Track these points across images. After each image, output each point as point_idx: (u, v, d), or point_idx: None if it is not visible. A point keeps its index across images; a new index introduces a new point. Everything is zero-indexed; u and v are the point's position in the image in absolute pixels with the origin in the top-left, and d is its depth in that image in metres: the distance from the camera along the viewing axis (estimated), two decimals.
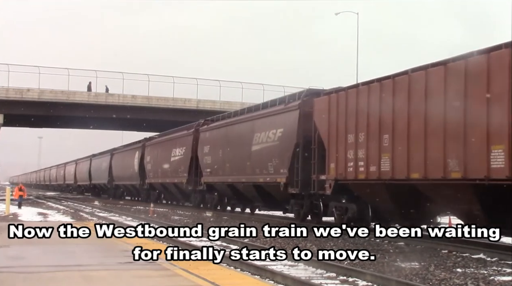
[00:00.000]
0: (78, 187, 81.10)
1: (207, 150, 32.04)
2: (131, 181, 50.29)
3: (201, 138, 33.32)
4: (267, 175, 24.68)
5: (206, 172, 32.04)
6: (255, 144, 25.89)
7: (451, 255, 14.22)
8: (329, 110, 20.04)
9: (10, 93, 47.47)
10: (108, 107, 49.89)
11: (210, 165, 31.26)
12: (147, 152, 45.48)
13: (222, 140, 30.13)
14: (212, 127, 32.39)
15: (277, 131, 23.96)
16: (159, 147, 42.65)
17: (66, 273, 9.56)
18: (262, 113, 26.40)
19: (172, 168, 38.33)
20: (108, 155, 60.56)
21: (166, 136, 42.18)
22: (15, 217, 27.86)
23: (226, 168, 29.12)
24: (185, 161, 35.66)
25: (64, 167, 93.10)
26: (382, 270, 11.68)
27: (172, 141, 39.13)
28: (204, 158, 32.24)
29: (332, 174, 19.69)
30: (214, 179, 30.93)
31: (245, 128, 27.51)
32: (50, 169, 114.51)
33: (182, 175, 35.98)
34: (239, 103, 48.57)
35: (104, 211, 35.83)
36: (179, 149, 37.16)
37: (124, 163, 53.00)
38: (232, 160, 28.47)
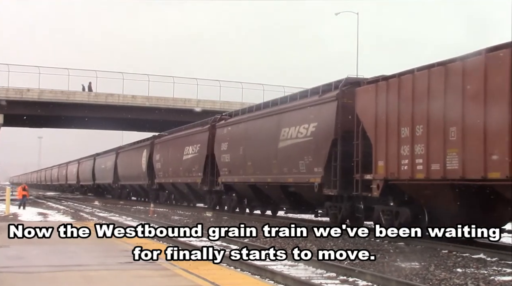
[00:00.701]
0: (80, 187, 78.90)
1: (225, 147, 29.47)
2: (138, 180, 48.08)
3: (218, 135, 30.69)
4: (298, 175, 22.26)
5: (223, 171, 29.64)
6: (282, 140, 23.44)
7: (451, 255, 14.22)
8: (376, 100, 17.70)
9: (10, 93, 47.47)
10: (108, 107, 49.90)
11: (229, 163, 28.89)
12: (156, 150, 42.92)
13: (242, 137, 27.71)
14: (231, 122, 29.75)
15: (310, 125, 21.52)
16: (170, 144, 40.06)
17: (66, 273, 9.56)
18: (290, 106, 23.86)
19: (184, 167, 35.96)
20: (113, 153, 58.14)
21: (178, 133, 39.60)
22: (15, 217, 27.86)
23: (247, 166, 26.73)
24: (199, 159, 33.49)
25: (66, 166, 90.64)
26: (382, 270, 11.68)
27: (185, 139, 36.73)
28: (222, 156, 29.73)
29: (381, 173, 17.35)
30: (233, 178, 28.54)
31: (269, 123, 25.08)
32: (52, 168, 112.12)
33: (196, 175, 33.91)
34: (239, 103, 48.59)
35: (104, 211, 35.83)
36: (192, 146, 34.79)
37: (131, 162, 50.57)
38: (255, 158, 26.08)
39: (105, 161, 61.20)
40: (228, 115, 31.32)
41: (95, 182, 66.84)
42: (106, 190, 65.15)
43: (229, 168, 28.84)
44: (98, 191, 68.24)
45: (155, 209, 32.83)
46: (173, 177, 38.55)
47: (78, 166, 78.23)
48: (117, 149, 57.70)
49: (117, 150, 57.63)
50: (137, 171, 47.65)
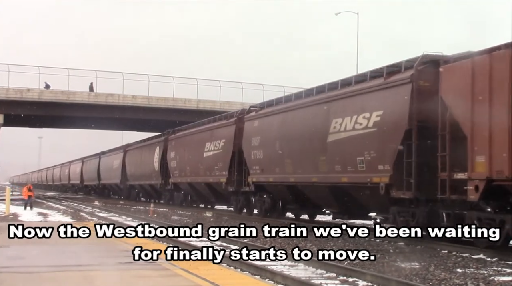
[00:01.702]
0: (84, 187, 75.76)
1: (256, 143, 25.82)
2: (150, 180, 44.53)
3: (247, 128, 27.16)
4: (355, 174, 18.60)
5: (254, 169, 26.11)
6: (333, 133, 19.77)
7: (451, 255, 14.22)
8: (473, 81, 14.32)
9: (10, 93, 47.49)
10: (108, 107, 49.91)
11: (261, 161, 25.36)
12: (171, 147, 39.32)
13: (278, 130, 24.09)
14: (263, 114, 26.10)
15: (373, 115, 17.88)
16: (187, 141, 36.30)
17: (66, 273, 9.56)
18: (344, 92, 19.98)
19: (205, 165, 32.42)
20: (121, 151, 54.87)
21: (197, 128, 35.85)
22: (15, 217, 27.86)
23: (285, 164, 23.11)
24: (224, 156, 30.03)
25: (69, 165, 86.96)
26: (382, 270, 11.68)
27: (206, 134, 33.15)
28: (252, 152, 26.08)
29: (482, 172, 13.90)
30: (267, 178, 24.99)
31: (315, 114, 21.36)
32: (54, 168, 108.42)
33: (220, 173, 30.38)
34: (239, 103, 48.60)
35: (104, 211, 35.83)
36: (215, 142, 31.23)
37: (141, 160, 47.17)
38: (295, 154, 22.45)
39: (112, 159, 57.94)
40: (258, 107, 27.69)
41: (101, 182, 63.79)
42: (112, 190, 62.01)
43: (261, 166, 25.52)
44: (103, 191, 65.16)
45: (155, 209, 32.83)
46: (191, 176, 35.06)
47: (82, 165, 74.99)
48: (125, 147, 54.44)
49: (125, 147, 54.44)
50: (149, 170, 44.46)
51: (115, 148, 60.63)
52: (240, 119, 28.75)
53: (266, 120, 25.66)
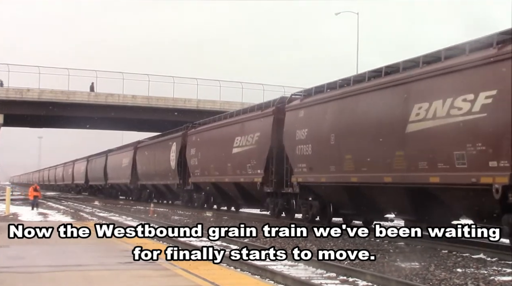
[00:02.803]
0: (89, 187, 71.96)
1: (302, 136, 21.92)
2: (165, 180, 40.71)
3: (290, 119, 23.32)
4: (450, 172, 14.69)
5: (300, 167, 22.13)
6: (415, 122, 15.90)
7: (451, 255, 14.23)
8: None
9: (10, 93, 47.54)
10: (108, 107, 49.96)
11: (310, 157, 21.46)
12: (190, 143, 35.41)
13: (333, 120, 20.16)
14: (310, 102, 22.07)
15: (480, 96, 13.79)
16: (212, 135, 32.32)
17: (66, 273, 9.56)
18: (430, 70, 15.86)
19: (234, 163, 28.49)
20: (131, 149, 51.12)
21: (224, 120, 31.67)
22: (15, 217, 27.86)
23: (344, 161, 19.22)
24: (259, 152, 25.99)
25: (72, 165, 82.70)
26: (382, 270, 11.68)
27: (235, 127, 29.22)
28: (297, 147, 22.15)
29: None
30: (317, 177, 21.06)
31: (388, 99, 17.52)
32: (56, 167, 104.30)
33: (253, 172, 26.47)
34: (239, 103, 48.66)
35: (104, 211, 35.83)
36: (247, 136, 27.27)
37: (155, 158, 43.52)
38: (359, 149, 18.57)
39: (121, 157, 54.18)
40: (303, 94, 23.53)
41: (108, 182, 59.92)
42: (121, 190, 58.11)
43: (309, 164, 21.54)
44: (111, 191, 60.79)
45: (155, 209, 32.83)
46: (216, 176, 31.06)
47: (87, 164, 71.31)
48: (136, 144, 50.76)
49: (136, 144, 50.69)
50: (164, 168, 40.55)
51: (124, 145, 57.23)
52: (280, 109, 24.74)
53: (315, 109, 21.50)
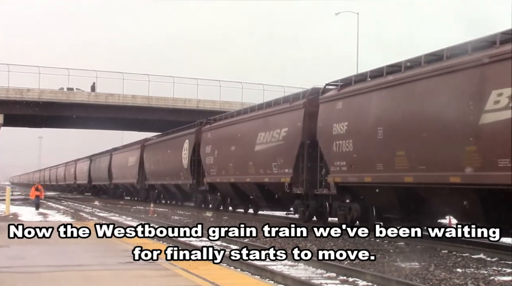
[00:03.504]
0: (92, 187, 70.36)
1: (340, 130, 19.34)
2: (176, 180, 38.09)
3: (324, 112, 20.74)
4: None
5: (337, 166, 19.66)
6: (491, 111, 13.50)
7: (451, 255, 14.23)
8: None
9: (10, 93, 47.53)
10: (108, 107, 49.97)
11: (350, 154, 18.90)
12: (206, 140, 32.74)
13: (381, 112, 17.67)
14: (350, 92, 19.50)
15: None
16: (231, 131, 29.68)
17: (66, 273, 9.56)
18: None
19: (257, 161, 25.73)
20: (137, 147, 48.88)
21: (244, 115, 28.83)
22: (15, 217, 27.87)
23: (395, 158, 16.66)
24: (287, 149, 23.24)
25: (74, 164, 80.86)
26: (382, 270, 11.68)
27: (258, 122, 26.48)
28: (335, 143, 19.58)
29: None
30: (361, 177, 18.45)
31: (452, 84, 15.07)
32: (57, 167, 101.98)
33: (280, 171, 23.67)
34: (239, 103, 48.66)
35: (104, 211, 35.83)
36: (273, 131, 24.50)
37: (164, 156, 41.10)
38: (414, 144, 16.05)
39: (127, 156, 51.99)
40: (339, 84, 20.67)
41: (112, 182, 57.81)
42: (127, 191, 55.83)
43: (350, 161, 19.07)
44: (115, 192, 58.86)
45: (155, 209, 32.82)
46: (235, 175, 28.38)
47: (90, 164, 69.28)
48: (144, 141, 48.49)
49: (143, 142, 48.43)
50: (175, 167, 37.97)
51: (131, 143, 54.46)
52: (312, 101, 22.10)
53: (357, 100, 19.14)
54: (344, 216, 19.98)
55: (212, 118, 33.94)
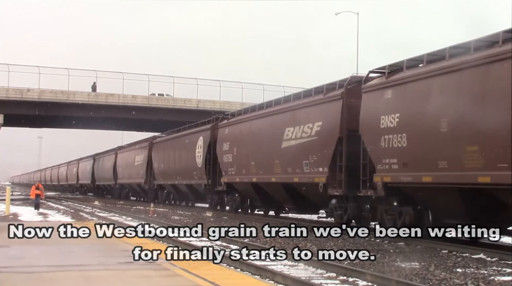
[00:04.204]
0: (96, 188, 67.99)
1: (390, 122, 16.74)
2: (189, 179, 35.69)
3: (369, 102, 18.21)
4: None
5: (388, 164, 17.05)
6: None
7: (451, 255, 14.23)
8: None
9: (10, 93, 47.53)
10: (108, 107, 49.97)
11: (404, 150, 16.36)
12: (223, 137, 30.33)
13: (446, 100, 15.16)
14: (403, 79, 16.81)
15: None
16: (251, 126, 27.33)
17: (66, 273, 9.56)
18: None
19: (285, 159, 23.13)
20: (145, 146, 46.75)
21: (268, 109, 26.02)
22: (15, 217, 27.86)
23: (465, 154, 14.33)
24: (321, 145, 20.72)
25: (77, 164, 78.61)
26: (382, 270, 11.68)
27: (285, 116, 23.86)
28: (383, 137, 16.99)
29: None
30: (417, 176, 15.97)
31: None
32: (59, 167, 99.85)
33: (313, 170, 21.10)
34: (239, 103, 48.66)
35: (104, 211, 35.83)
36: (304, 126, 21.86)
37: (175, 155, 38.84)
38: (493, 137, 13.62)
39: (133, 155, 49.92)
40: (386, 71, 17.90)
41: (117, 182, 55.59)
42: (133, 191, 53.57)
43: (403, 158, 16.48)
44: (121, 192, 56.72)
45: (155, 209, 32.81)
46: (258, 175, 25.85)
47: (93, 163, 67.13)
48: (152, 139, 46.22)
49: (151, 140, 46.10)
50: (187, 166, 35.73)
51: (138, 141, 52.33)
52: (351, 91, 19.66)
53: (411, 88, 16.51)
54: (393, 220, 17.39)
55: (229, 113, 31.80)
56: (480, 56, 14.48)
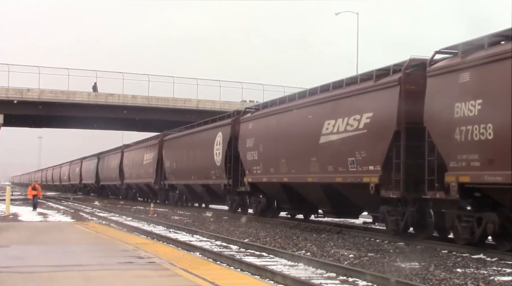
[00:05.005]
0: (101, 188, 64.41)
1: (470, 110, 13.85)
2: (205, 179, 32.24)
3: (436, 87, 15.35)
4: None
5: (464, 160, 14.11)
6: None
7: (451, 255, 14.22)
8: None
9: (10, 93, 47.53)
10: (108, 107, 49.98)
11: (489, 143, 13.42)
12: (246, 132, 26.96)
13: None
14: (487, 57, 13.86)
15: None
16: (280, 120, 23.85)
17: (66, 273, 9.56)
18: None
19: (324, 156, 19.83)
20: (155, 143, 43.21)
21: (300, 100, 22.74)
22: (15, 217, 27.87)
23: None
24: (372, 140, 17.52)
25: (80, 163, 75.38)
26: (382, 270, 11.68)
27: (323, 107, 20.53)
28: (458, 129, 14.12)
29: None
30: (504, 175, 12.99)
31: None
32: (61, 166, 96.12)
33: (361, 169, 17.87)
34: (239, 103, 48.67)
35: (104, 211, 35.83)
36: (348, 118, 18.68)
37: (190, 153, 35.36)
38: None
39: (141, 153, 46.61)
40: (460, 50, 14.86)
41: (124, 182, 52.05)
42: (140, 191, 50.49)
43: (488, 153, 13.58)
44: (127, 193, 53.38)
45: (155, 209, 32.80)
46: (290, 174, 22.51)
47: (97, 162, 63.80)
48: (162, 136, 42.34)
49: (161, 137, 42.37)
50: (204, 165, 32.07)
51: (146, 138, 48.88)
52: (411, 75, 16.65)
53: (498, 68, 13.56)
54: (469, 228, 14.49)
55: (253, 107, 28.84)
56: None
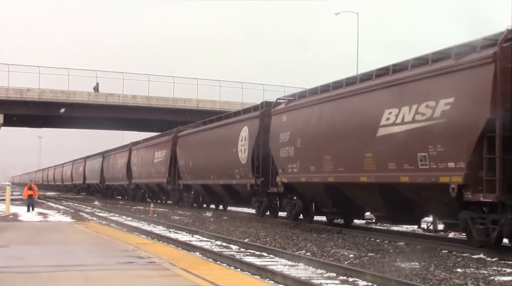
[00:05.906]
0: (106, 188, 61.33)
1: None
2: (227, 178, 29.00)
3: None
4: None
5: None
6: None
7: (451, 255, 14.22)
8: None
9: (10, 93, 47.53)
10: (108, 107, 49.98)
11: None
12: (278, 126, 23.54)
13: None
14: None
15: None
16: (323, 110, 20.46)
17: (66, 273, 9.56)
18: None
19: (383, 151, 16.87)
20: (167, 140, 39.80)
21: (350, 87, 19.22)
22: (15, 217, 27.86)
23: None
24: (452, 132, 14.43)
25: (83, 162, 72.50)
26: (382, 270, 11.68)
27: (379, 94, 17.46)
28: None
29: None
30: None
31: None
32: (63, 166, 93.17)
33: (435, 166, 14.76)
34: (239, 103, 48.68)
35: (104, 211, 35.82)
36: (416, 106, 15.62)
37: (208, 149, 31.95)
38: None
39: (151, 151, 43.46)
40: None
41: (132, 182, 48.77)
42: (150, 192, 46.37)
43: None
44: (135, 193, 50.07)
45: (155, 209, 32.80)
46: (336, 173, 19.22)
47: (102, 161, 61.07)
48: (176, 132, 38.74)
49: (175, 133, 38.72)
50: (226, 163, 28.84)
51: (156, 135, 45.75)
52: (508, 50, 13.40)
53: None
54: None
55: (287, 96, 25.07)
56: None
